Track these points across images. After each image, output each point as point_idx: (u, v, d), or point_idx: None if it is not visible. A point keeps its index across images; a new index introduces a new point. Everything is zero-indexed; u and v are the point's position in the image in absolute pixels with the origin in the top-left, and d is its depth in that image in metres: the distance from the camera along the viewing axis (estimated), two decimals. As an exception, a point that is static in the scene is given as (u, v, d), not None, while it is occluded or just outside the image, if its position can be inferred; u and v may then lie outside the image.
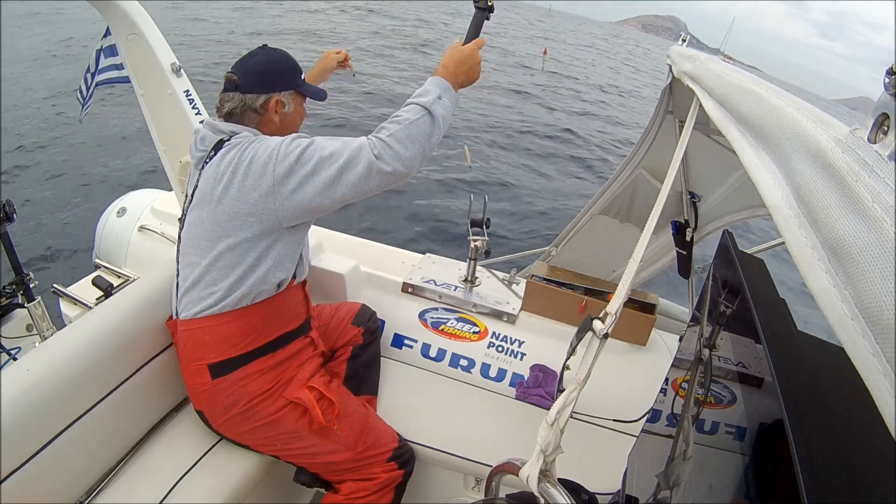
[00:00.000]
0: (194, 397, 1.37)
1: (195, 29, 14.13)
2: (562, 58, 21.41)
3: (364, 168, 1.15)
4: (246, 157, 1.19)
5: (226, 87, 1.30)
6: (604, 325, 0.73)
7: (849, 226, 0.40)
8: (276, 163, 1.17)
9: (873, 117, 0.45)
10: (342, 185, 1.17)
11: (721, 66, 0.96)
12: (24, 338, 2.08)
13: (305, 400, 1.33)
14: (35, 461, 1.12)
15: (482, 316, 1.89)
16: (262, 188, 1.18)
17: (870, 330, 0.34)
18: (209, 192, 1.22)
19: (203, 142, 1.28)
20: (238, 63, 1.31)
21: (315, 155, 1.17)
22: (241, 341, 1.30)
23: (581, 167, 8.21)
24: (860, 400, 0.36)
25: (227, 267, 1.25)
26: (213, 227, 1.23)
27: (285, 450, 1.38)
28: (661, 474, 0.93)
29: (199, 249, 1.26)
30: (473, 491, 1.70)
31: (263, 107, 1.30)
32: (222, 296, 1.26)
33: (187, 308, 1.29)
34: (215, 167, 1.22)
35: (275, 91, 1.30)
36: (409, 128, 1.18)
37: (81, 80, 2.13)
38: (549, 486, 0.72)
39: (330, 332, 1.65)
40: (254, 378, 1.31)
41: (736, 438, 0.78)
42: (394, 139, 1.17)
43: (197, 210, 1.25)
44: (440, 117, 1.22)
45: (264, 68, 1.30)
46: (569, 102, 13.00)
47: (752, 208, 1.66)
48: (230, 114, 1.29)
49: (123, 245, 2.52)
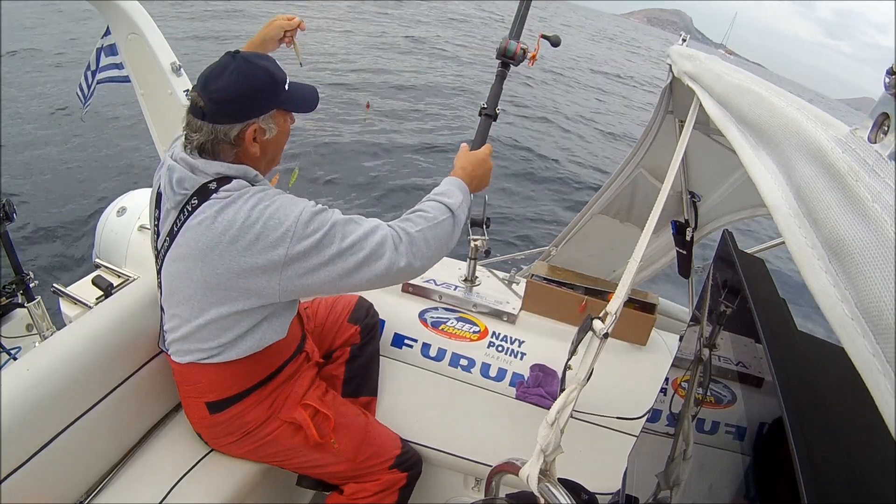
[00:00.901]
0: (193, 423, 1.37)
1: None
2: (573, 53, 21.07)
3: (384, 267, 1.09)
4: (251, 225, 1.03)
5: (192, 111, 1.08)
6: (604, 324, 0.73)
7: (849, 225, 0.40)
8: (290, 244, 1.04)
9: (873, 117, 0.45)
10: (357, 278, 1.09)
11: (721, 66, 0.96)
12: (24, 338, 2.08)
13: (300, 419, 1.31)
14: (35, 461, 1.12)
15: (482, 315, 1.89)
16: (268, 265, 1.05)
17: (870, 330, 0.34)
18: (200, 251, 1.06)
19: (181, 184, 1.08)
20: (203, 81, 1.07)
21: (335, 243, 1.06)
22: (237, 383, 1.26)
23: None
24: (860, 400, 0.36)
25: (220, 329, 1.15)
26: (205, 291, 1.10)
27: (286, 463, 1.39)
28: (661, 474, 0.93)
29: (186, 307, 1.14)
30: (473, 491, 1.70)
31: (239, 138, 1.09)
32: (215, 353, 1.18)
33: (178, 354, 1.22)
34: (208, 225, 1.05)
35: (251, 118, 1.08)
36: (436, 228, 1.15)
37: (82, 78, 2.13)
38: (549, 485, 0.72)
39: (326, 332, 1.63)
40: (251, 408, 1.29)
41: (736, 438, 0.78)
42: (422, 236, 1.13)
43: (181, 262, 1.10)
44: (461, 221, 1.20)
45: (236, 93, 1.06)
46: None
47: (752, 208, 1.66)
48: (202, 148, 1.09)
49: (123, 245, 2.52)
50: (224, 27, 13.29)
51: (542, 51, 1.51)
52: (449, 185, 1.24)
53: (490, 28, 22.38)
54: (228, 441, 1.33)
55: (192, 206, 1.08)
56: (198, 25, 13.18)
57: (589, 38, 34.72)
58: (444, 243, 1.17)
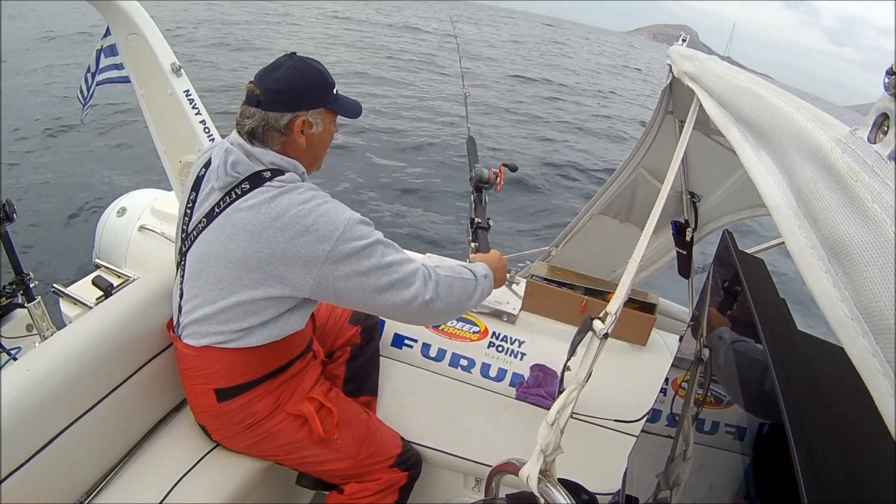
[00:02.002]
0: (197, 414, 1.37)
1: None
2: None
3: (411, 295, 1.15)
4: (304, 216, 1.10)
5: (247, 101, 1.17)
6: (604, 325, 0.73)
7: (849, 226, 0.40)
8: (336, 243, 1.10)
9: (873, 117, 0.45)
10: (384, 298, 1.15)
11: (721, 66, 0.96)
12: (24, 338, 2.08)
13: (306, 412, 1.33)
14: (35, 461, 1.12)
15: (482, 316, 1.89)
16: (311, 257, 1.10)
17: (870, 330, 0.34)
18: (247, 232, 1.11)
19: (235, 167, 1.15)
20: (261, 74, 1.18)
21: (375, 256, 1.13)
22: (249, 371, 1.27)
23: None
24: (860, 400, 0.36)
25: (245, 313, 1.18)
26: (241, 272, 1.13)
27: (287, 459, 1.39)
28: (661, 474, 0.93)
29: (214, 288, 1.17)
30: (473, 491, 1.70)
31: (288, 126, 1.17)
32: (235, 336, 1.21)
33: (193, 337, 1.24)
34: (261, 209, 1.11)
35: (301, 109, 1.17)
36: (461, 281, 1.25)
37: (82, 80, 2.13)
38: (549, 486, 0.72)
39: (328, 333, 1.65)
40: (259, 398, 1.30)
41: (736, 438, 0.78)
42: (448, 282, 1.21)
43: (221, 242, 1.14)
44: (482, 290, 1.31)
45: (290, 84, 1.15)
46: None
47: (752, 208, 1.66)
48: (252, 133, 1.17)
49: (123, 245, 2.52)
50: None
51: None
52: (477, 265, 1.36)
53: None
54: (233, 432, 1.33)
55: (243, 189, 1.14)
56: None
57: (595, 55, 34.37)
58: (466, 297, 1.26)
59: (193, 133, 2.00)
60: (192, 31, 14.04)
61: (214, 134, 2.06)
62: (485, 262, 1.40)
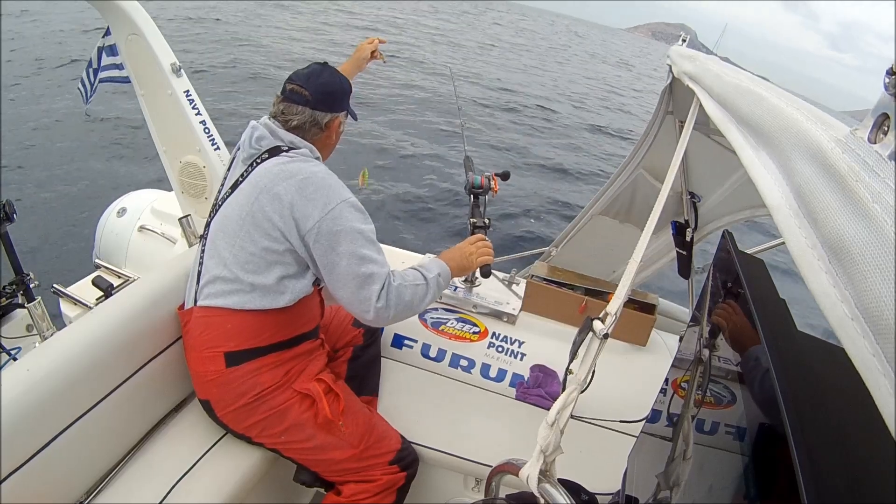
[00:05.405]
0: (202, 386, 1.37)
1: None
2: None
3: (366, 295, 1.25)
4: (311, 180, 1.25)
5: (292, 99, 1.33)
6: (604, 325, 0.73)
7: (849, 226, 0.40)
8: (325, 215, 1.23)
9: (873, 117, 0.44)
10: (340, 284, 1.26)
11: (721, 67, 0.96)
12: (24, 338, 2.08)
13: (314, 391, 1.36)
14: (35, 461, 1.12)
15: (482, 316, 1.89)
16: (300, 219, 1.23)
17: (870, 330, 0.34)
18: (260, 186, 1.26)
19: (259, 141, 1.33)
20: (305, 78, 1.35)
21: (355, 243, 1.24)
22: (261, 335, 1.32)
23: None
24: (860, 400, 0.36)
25: (254, 268, 1.28)
26: (249, 227, 1.26)
27: (288, 443, 1.38)
28: (661, 474, 0.93)
29: (228, 245, 1.29)
30: (473, 491, 1.70)
31: (328, 125, 1.37)
32: (245, 289, 1.29)
33: (210, 297, 1.31)
34: (273, 169, 1.27)
35: (338, 111, 1.39)
36: (410, 289, 1.33)
37: (83, 74, 2.13)
38: (549, 486, 0.73)
39: (331, 333, 1.66)
40: (268, 369, 1.33)
41: (736, 438, 0.78)
42: (399, 290, 1.30)
43: (239, 196, 1.30)
44: (434, 292, 1.39)
45: (334, 88, 1.37)
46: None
47: (752, 208, 1.66)
48: (297, 127, 1.35)
49: (123, 245, 2.52)
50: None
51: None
52: (430, 262, 1.44)
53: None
54: (238, 405, 1.33)
55: (262, 159, 1.31)
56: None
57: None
58: (417, 302, 1.35)
59: (193, 133, 2.00)
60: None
61: (214, 134, 2.06)
62: (447, 257, 1.49)
